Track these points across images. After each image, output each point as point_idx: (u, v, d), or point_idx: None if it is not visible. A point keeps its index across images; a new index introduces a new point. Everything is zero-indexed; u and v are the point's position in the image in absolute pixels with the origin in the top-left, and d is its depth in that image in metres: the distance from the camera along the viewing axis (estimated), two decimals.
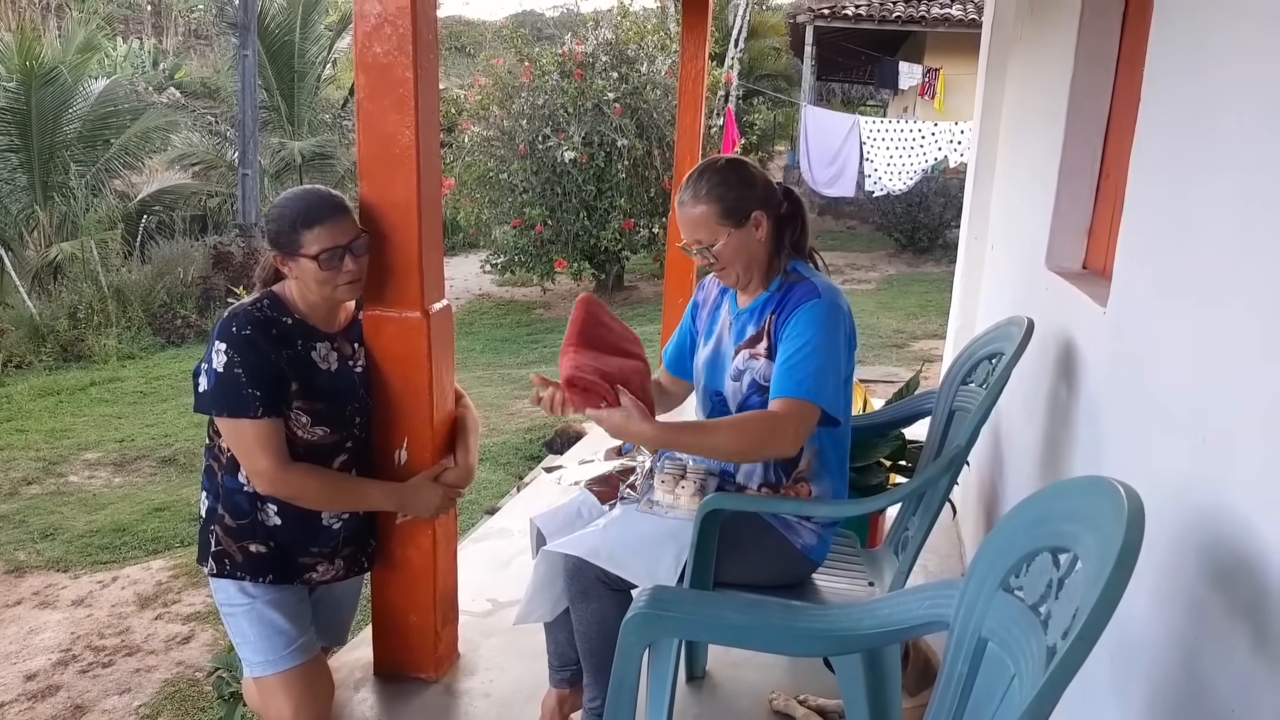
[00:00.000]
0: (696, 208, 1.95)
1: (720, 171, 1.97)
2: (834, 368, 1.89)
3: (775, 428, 1.85)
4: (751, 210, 1.95)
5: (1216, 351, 1.21)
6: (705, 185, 1.95)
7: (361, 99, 2.08)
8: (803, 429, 1.86)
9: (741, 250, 1.96)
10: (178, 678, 3.84)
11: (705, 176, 1.96)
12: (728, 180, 1.95)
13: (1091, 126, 2.37)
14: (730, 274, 2.01)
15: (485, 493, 5.28)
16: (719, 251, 1.96)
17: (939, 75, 14.12)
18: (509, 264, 11.46)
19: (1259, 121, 1.14)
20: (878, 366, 7.59)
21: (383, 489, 2.22)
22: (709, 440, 1.94)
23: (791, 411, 1.85)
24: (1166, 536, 1.27)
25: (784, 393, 1.87)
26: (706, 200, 1.94)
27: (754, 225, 1.96)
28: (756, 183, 1.98)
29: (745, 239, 1.96)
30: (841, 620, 1.45)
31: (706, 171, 1.97)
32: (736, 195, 1.94)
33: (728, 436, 1.90)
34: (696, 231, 1.97)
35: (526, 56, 11.14)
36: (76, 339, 9.90)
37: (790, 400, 1.86)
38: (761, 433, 1.87)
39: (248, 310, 2.04)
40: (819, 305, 1.92)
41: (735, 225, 1.94)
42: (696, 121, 4.61)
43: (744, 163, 2.04)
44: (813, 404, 1.86)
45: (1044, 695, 0.94)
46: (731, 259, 1.97)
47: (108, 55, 18.68)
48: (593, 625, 1.91)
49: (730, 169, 1.98)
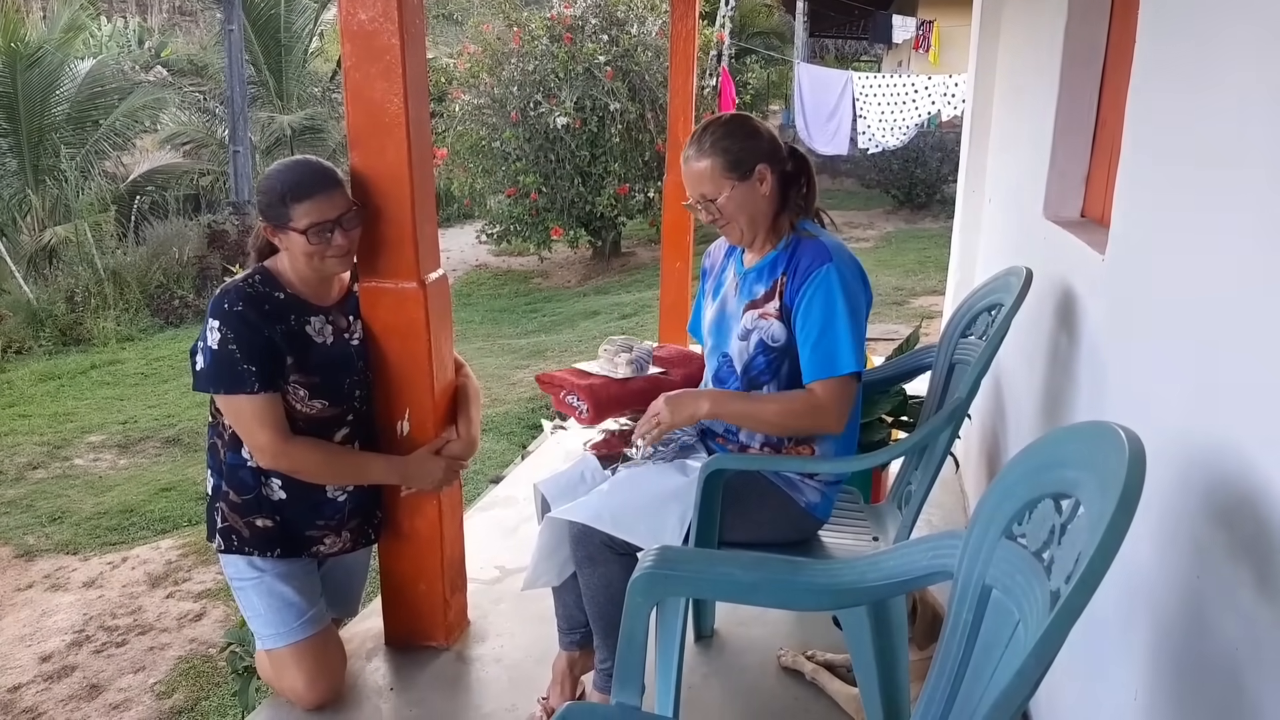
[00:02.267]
0: (701, 161, 1.95)
1: (725, 125, 1.97)
2: (853, 329, 1.91)
3: (818, 412, 1.92)
4: (756, 163, 1.95)
5: (1215, 294, 1.21)
6: (709, 139, 1.95)
7: (348, 68, 2.06)
8: (845, 406, 1.93)
9: (745, 204, 1.96)
10: (191, 654, 3.88)
11: (710, 130, 1.97)
12: (732, 134, 1.96)
13: (1087, 74, 2.34)
14: (734, 229, 2.01)
15: (490, 462, 5.30)
16: (723, 205, 1.96)
17: (933, 28, 13.98)
18: (505, 233, 11.41)
19: (1254, 66, 1.13)
20: (878, 324, 7.57)
21: (385, 462, 2.23)
22: (757, 414, 2.00)
23: (831, 393, 1.91)
24: (1168, 479, 1.27)
25: (820, 374, 1.91)
26: (711, 153, 1.94)
27: (758, 179, 1.96)
28: (761, 136, 1.98)
29: (749, 192, 1.96)
30: (846, 574, 1.46)
31: (711, 126, 1.98)
32: (740, 148, 1.94)
33: (774, 414, 1.98)
34: (701, 185, 1.97)
35: (515, 22, 11.00)
36: (75, 322, 9.89)
37: (824, 382, 1.91)
38: (805, 417, 1.95)
39: (239, 286, 2.04)
40: (831, 271, 1.91)
41: (740, 178, 1.94)
42: (689, 82, 4.56)
43: (748, 117, 2.05)
44: (848, 377, 1.91)
45: (1048, 639, 0.94)
46: (735, 213, 1.97)
47: (93, 35, 18.47)
48: (600, 589, 1.93)
49: (735, 123, 1.99)
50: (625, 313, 9.14)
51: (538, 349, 8.29)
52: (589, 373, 2.45)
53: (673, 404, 1.96)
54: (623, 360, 2.43)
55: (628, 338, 2.54)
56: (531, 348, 8.38)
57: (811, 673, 2.28)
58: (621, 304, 9.69)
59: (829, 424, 1.93)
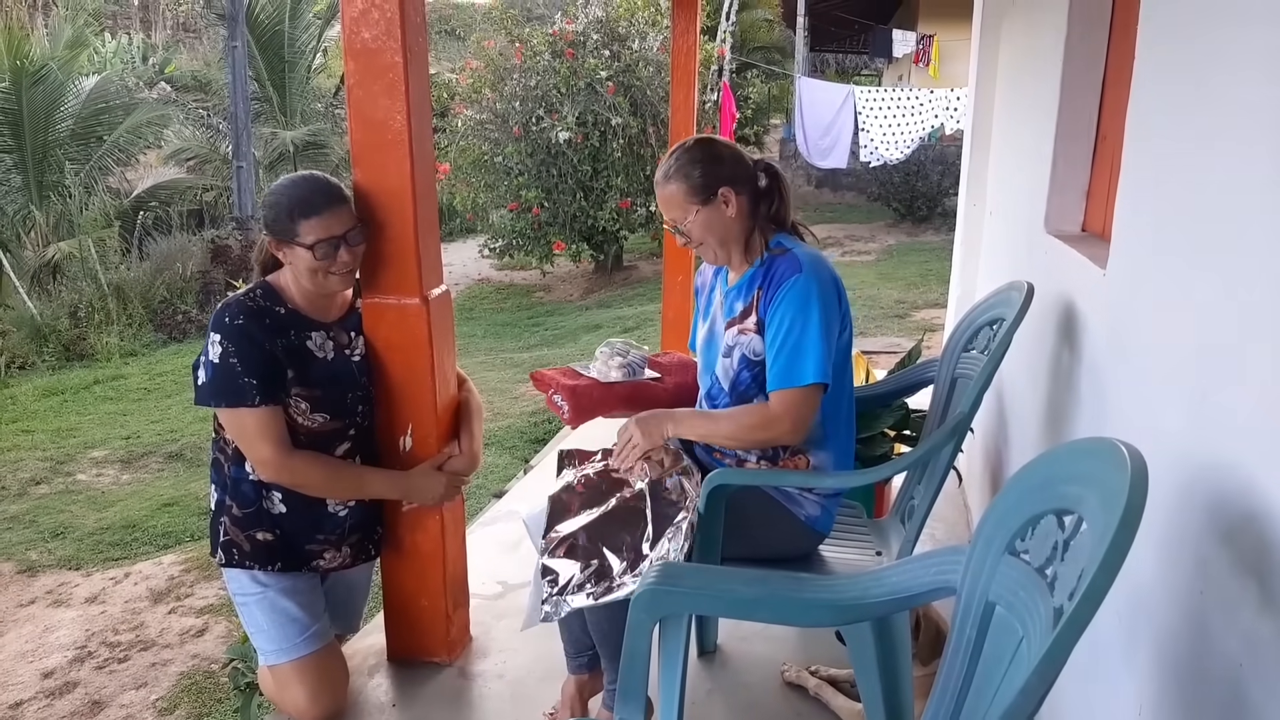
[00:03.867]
0: (667, 187, 1.99)
1: (688, 151, 2.00)
2: (821, 340, 1.89)
3: (771, 424, 1.94)
4: (718, 187, 1.97)
5: (1217, 308, 1.21)
6: (674, 164, 1.99)
7: (351, 85, 2.07)
8: (800, 416, 1.92)
9: (712, 226, 1.99)
10: (194, 670, 3.86)
11: (675, 156, 2.01)
12: (694, 159, 1.98)
13: (1087, 88, 2.35)
14: (708, 250, 2.05)
15: (492, 476, 5.29)
16: (689, 229, 2.00)
17: (933, 42, 14.03)
18: (507, 248, 11.44)
19: (1257, 77, 1.13)
20: (879, 337, 7.58)
21: (386, 477, 2.23)
22: (714, 429, 2.05)
23: (787, 404, 1.92)
24: (1171, 495, 1.27)
25: (774, 385, 1.93)
26: (675, 179, 1.98)
27: (722, 201, 1.98)
28: (724, 159, 2.00)
29: (714, 215, 1.98)
30: (850, 590, 1.45)
31: (676, 151, 2.02)
32: (701, 173, 1.97)
33: (729, 429, 2.01)
34: (670, 210, 2.02)
35: (517, 37, 11.06)
36: (78, 338, 9.91)
37: (781, 393, 1.92)
38: (759, 430, 1.96)
39: (240, 300, 2.05)
40: (798, 281, 1.92)
41: (702, 202, 1.97)
42: (690, 97, 4.58)
43: (713, 141, 2.08)
44: (805, 387, 1.90)
45: (1052, 656, 0.94)
46: (703, 235, 2.00)
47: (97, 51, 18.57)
48: (604, 618, 1.91)
49: (697, 147, 2.01)
50: (627, 326, 9.15)
51: (540, 363, 8.29)
52: (580, 373, 2.46)
53: (642, 426, 2.00)
54: (615, 364, 2.44)
55: (625, 341, 2.54)
56: (534, 361, 8.39)
57: (815, 688, 2.27)
58: (624, 317, 9.70)
59: (783, 435, 1.95)
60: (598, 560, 1.82)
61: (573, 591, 1.79)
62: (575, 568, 1.82)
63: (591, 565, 1.81)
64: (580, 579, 1.80)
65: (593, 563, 1.82)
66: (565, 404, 2.36)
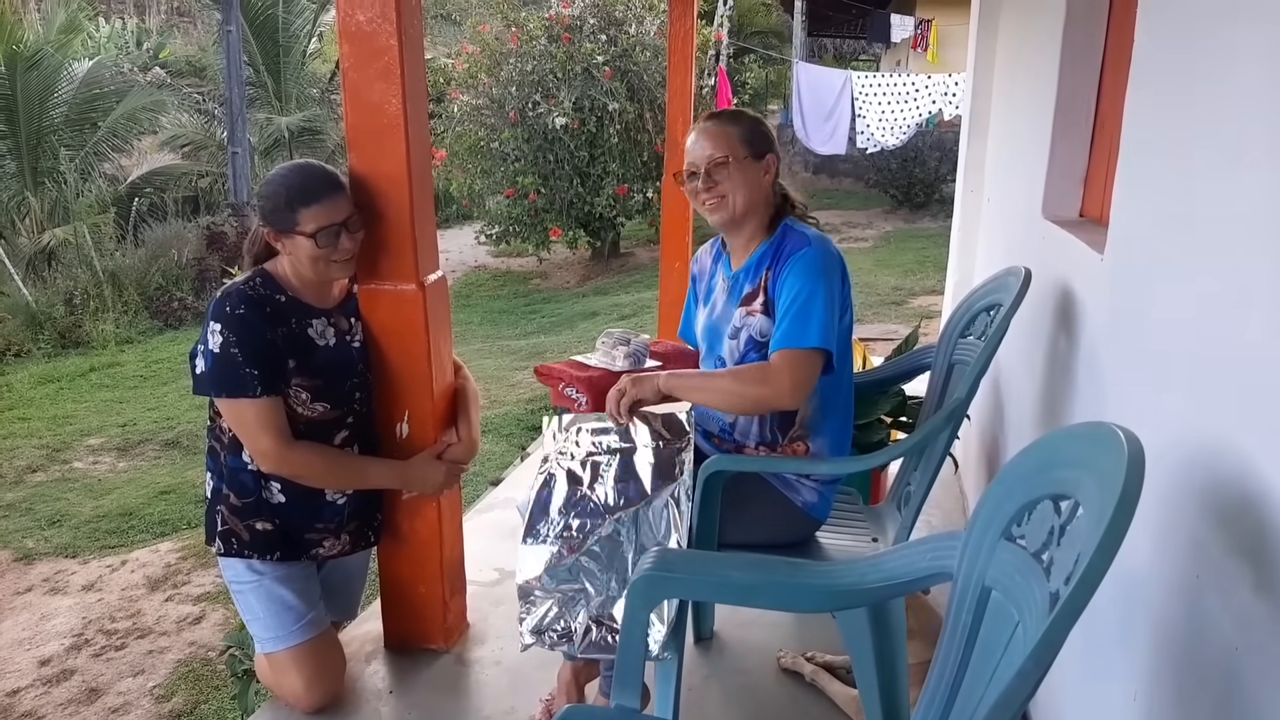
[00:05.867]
0: (725, 125, 2.03)
1: (750, 114, 2.10)
2: (830, 310, 1.90)
3: (769, 378, 1.88)
4: (768, 150, 2.03)
5: (1215, 293, 1.20)
6: (731, 115, 2.07)
7: (346, 69, 2.05)
8: (800, 377, 1.87)
9: (748, 182, 2.00)
10: (191, 658, 3.87)
11: (733, 110, 2.10)
12: (755, 121, 2.07)
13: (1085, 72, 2.34)
14: (727, 204, 2.01)
15: (489, 464, 5.30)
16: (727, 171, 1.98)
17: (931, 27, 13.96)
18: (504, 234, 11.41)
19: (1253, 63, 1.13)
20: (876, 324, 7.58)
21: (386, 466, 2.22)
22: (710, 384, 1.97)
23: (788, 363, 1.87)
24: (1168, 480, 1.27)
25: (778, 344, 1.90)
26: (734, 123, 2.03)
27: (766, 166, 2.02)
28: (771, 134, 2.10)
29: (755, 173, 2.01)
30: (846, 575, 1.45)
31: (733, 109, 2.13)
32: (760, 131, 2.04)
33: (726, 383, 1.94)
34: (716, 147, 1.99)
35: (513, 22, 11.00)
36: (74, 325, 9.89)
37: (783, 351, 1.88)
38: (753, 382, 1.90)
39: (241, 289, 2.03)
40: (809, 253, 1.93)
41: (754, 155, 2.01)
42: (688, 82, 4.56)
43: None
44: (809, 350, 1.87)
45: (1047, 640, 0.94)
46: (736, 187, 1.99)
47: (90, 36, 18.45)
48: None
49: (755, 116, 2.12)
50: (624, 313, 9.14)
51: (537, 350, 8.28)
52: (587, 365, 2.45)
53: (634, 380, 1.96)
54: (620, 353, 2.43)
55: (625, 330, 2.54)
56: (531, 349, 8.38)
57: (811, 674, 2.28)
58: (620, 304, 9.69)
59: (780, 391, 1.87)
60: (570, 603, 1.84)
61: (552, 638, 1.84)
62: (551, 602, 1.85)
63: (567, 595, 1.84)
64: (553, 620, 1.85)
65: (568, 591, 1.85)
66: (583, 395, 2.34)
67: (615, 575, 1.83)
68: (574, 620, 1.83)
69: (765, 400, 1.91)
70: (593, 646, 1.81)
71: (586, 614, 1.82)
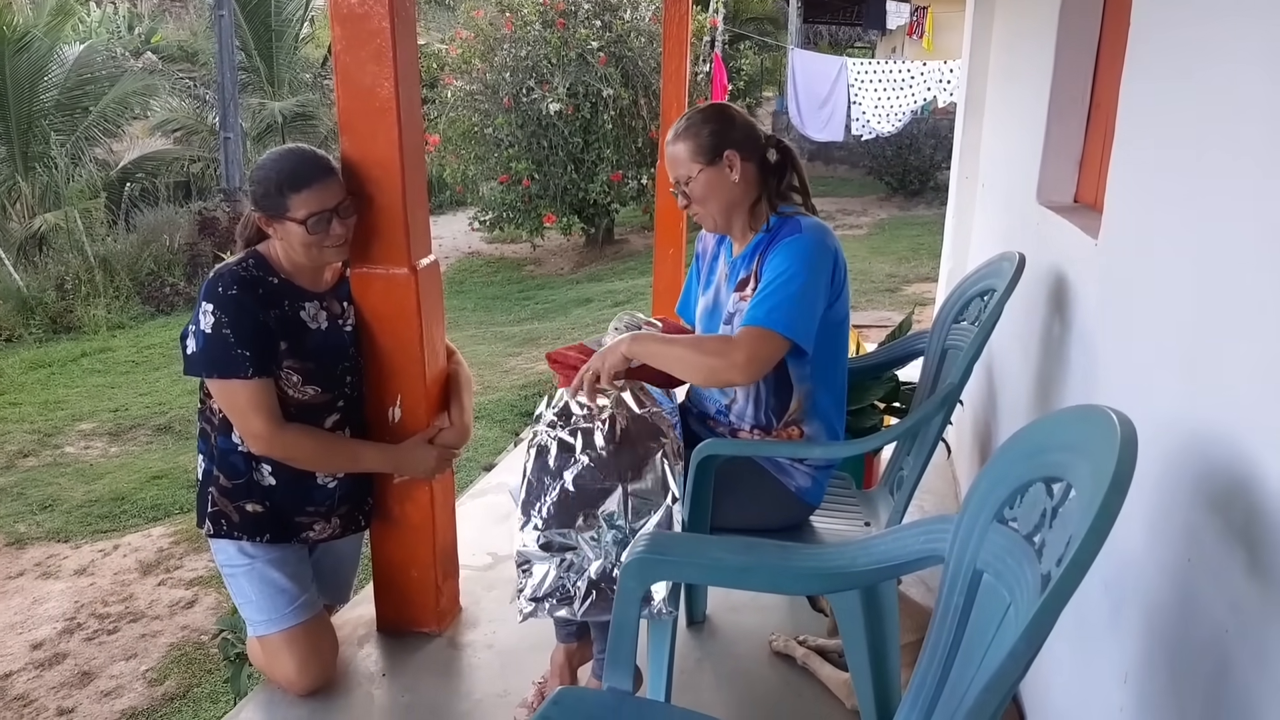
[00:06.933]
0: (675, 145, 2.00)
1: (701, 112, 2.02)
2: (807, 299, 1.87)
3: (723, 350, 1.86)
4: (724, 149, 1.97)
5: (1208, 278, 1.20)
6: (685, 124, 2.01)
7: (339, 52, 2.04)
8: (757, 354, 1.83)
9: (714, 189, 1.98)
10: (183, 641, 3.88)
11: (687, 117, 2.02)
12: (706, 119, 2.00)
13: (1081, 58, 2.33)
14: (707, 215, 2.03)
15: (482, 449, 5.30)
16: (691, 188, 2.00)
17: (927, 14, 13.93)
18: (497, 220, 11.37)
19: (1249, 49, 1.12)
20: (870, 311, 7.59)
21: (377, 450, 2.22)
22: (672, 351, 1.91)
23: (746, 337, 1.85)
24: (1160, 463, 1.27)
25: (745, 320, 1.88)
26: (684, 137, 1.99)
27: (727, 165, 1.97)
28: (735, 125, 2.01)
29: (717, 177, 1.98)
30: (838, 558, 1.46)
31: (689, 113, 2.04)
32: (710, 133, 1.97)
33: (685, 351, 1.89)
34: (675, 168, 2.01)
35: (507, 7, 10.94)
36: (65, 310, 9.85)
37: (748, 328, 1.86)
38: (709, 352, 1.87)
39: (233, 270, 2.02)
40: (799, 239, 1.92)
41: (707, 162, 1.97)
42: (682, 68, 4.53)
43: (727, 107, 2.09)
44: (774, 332, 1.84)
45: (1039, 622, 0.94)
46: (704, 197, 2.00)
47: (82, 20, 18.30)
48: None
49: (711, 110, 2.04)
50: (618, 300, 9.13)
51: (530, 336, 8.28)
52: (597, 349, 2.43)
53: (600, 355, 1.91)
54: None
55: (634, 314, 2.51)
56: (524, 335, 8.37)
57: (803, 657, 2.29)
58: (614, 291, 9.68)
59: (734, 364, 1.83)
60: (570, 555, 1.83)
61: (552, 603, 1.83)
62: (549, 566, 1.84)
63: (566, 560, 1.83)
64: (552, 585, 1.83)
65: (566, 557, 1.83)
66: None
67: (614, 536, 1.83)
68: (573, 584, 1.83)
69: (718, 371, 1.87)
70: (594, 608, 1.82)
71: (586, 577, 1.82)
